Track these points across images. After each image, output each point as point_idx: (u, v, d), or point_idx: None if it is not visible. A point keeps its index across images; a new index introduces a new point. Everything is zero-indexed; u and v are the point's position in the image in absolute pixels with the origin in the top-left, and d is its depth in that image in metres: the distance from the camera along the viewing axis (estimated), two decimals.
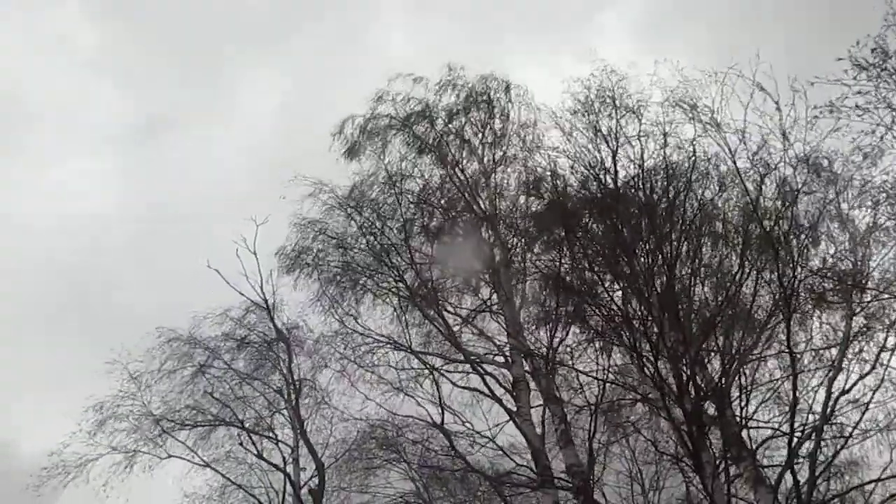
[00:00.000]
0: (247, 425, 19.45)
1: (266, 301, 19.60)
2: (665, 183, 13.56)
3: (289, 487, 19.02)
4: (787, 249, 12.14)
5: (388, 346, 16.45)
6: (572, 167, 14.84)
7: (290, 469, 19.17)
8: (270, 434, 19.63)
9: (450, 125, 18.11)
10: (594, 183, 14.01)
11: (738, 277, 12.60)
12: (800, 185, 12.45)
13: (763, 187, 12.71)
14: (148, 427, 19.12)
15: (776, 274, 12.09)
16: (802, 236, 13.17)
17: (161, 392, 19.39)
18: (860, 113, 11.42)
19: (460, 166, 17.71)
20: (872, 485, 13.20)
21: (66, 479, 18.64)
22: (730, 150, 12.23)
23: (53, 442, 18.78)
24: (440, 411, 15.14)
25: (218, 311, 19.94)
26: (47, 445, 18.86)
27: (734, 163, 12.37)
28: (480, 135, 18.12)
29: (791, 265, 11.93)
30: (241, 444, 19.40)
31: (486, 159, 17.96)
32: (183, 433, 19.37)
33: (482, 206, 17.48)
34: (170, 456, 19.25)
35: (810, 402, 13.12)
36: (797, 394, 12.05)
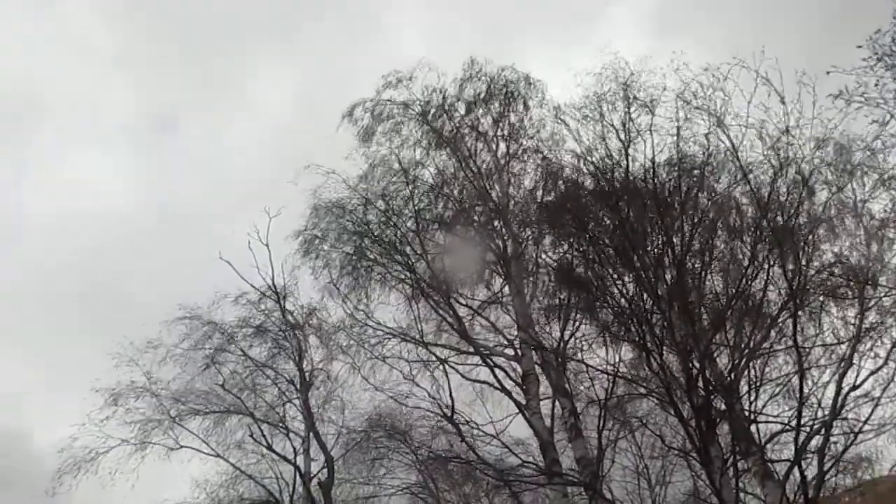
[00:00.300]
0: (257, 415, 19.42)
1: (277, 293, 19.58)
2: (677, 176, 13.49)
3: (298, 479, 19.04)
4: (795, 244, 12.03)
5: (398, 337, 16.44)
6: (584, 160, 14.79)
7: (300, 460, 19.16)
8: (281, 425, 19.62)
9: (467, 117, 18.02)
10: (605, 176, 13.95)
11: (748, 271, 12.52)
12: (809, 179, 12.34)
13: (776, 182, 12.62)
14: (159, 415, 19.15)
15: (784, 269, 12.00)
16: (815, 230, 13.04)
17: (174, 373, 19.36)
18: (875, 104, 11.31)
19: (474, 158, 17.62)
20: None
21: (79, 473, 18.69)
22: (733, 146, 12.21)
23: (64, 435, 18.82)
24: (449, 403, 15.10)
25: (236, 294, 19.85)
26: (59, 438, 18.92)
27: (737, 159, 12.32)
28: (497, 127, 18.01)
29: (800, 260, 11.82)
30: (251, 435, 19.37)
31: (500, 152, 17.89)
32: (195, 422, 19.39)
33: (495, 198, 17.42)
34: (181, 446, 19.26)
35: (820, 397, 13.02)
36: (806, 389, 11.97)
